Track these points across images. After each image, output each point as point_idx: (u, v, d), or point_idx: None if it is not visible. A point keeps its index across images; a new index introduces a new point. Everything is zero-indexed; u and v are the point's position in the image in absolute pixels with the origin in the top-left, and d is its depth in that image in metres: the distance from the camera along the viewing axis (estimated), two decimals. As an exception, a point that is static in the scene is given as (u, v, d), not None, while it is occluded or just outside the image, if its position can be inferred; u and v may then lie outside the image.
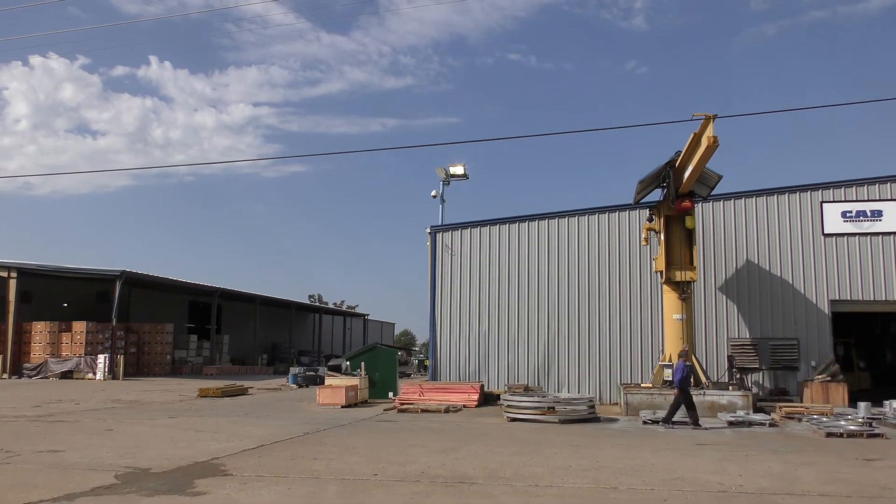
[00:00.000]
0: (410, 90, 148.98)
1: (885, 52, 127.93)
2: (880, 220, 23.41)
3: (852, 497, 8.95)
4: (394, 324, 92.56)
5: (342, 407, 21.32)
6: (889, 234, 23.36)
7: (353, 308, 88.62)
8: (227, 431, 15.32)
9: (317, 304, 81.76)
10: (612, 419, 18.61)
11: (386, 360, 26.00)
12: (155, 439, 14.01)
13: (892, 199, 23.49)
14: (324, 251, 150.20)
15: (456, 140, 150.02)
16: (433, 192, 30.94)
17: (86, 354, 36.15)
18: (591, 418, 18.03)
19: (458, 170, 31.15)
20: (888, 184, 23.77)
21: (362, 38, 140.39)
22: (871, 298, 23.29)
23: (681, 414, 17.17)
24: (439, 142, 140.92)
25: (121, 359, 36.59)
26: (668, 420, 16.96)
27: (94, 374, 35.07)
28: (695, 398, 19.28)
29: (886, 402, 19.18)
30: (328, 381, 23.99)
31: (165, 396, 25.37)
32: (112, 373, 35.35)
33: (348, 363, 25.75)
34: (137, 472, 10.22)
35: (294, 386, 33.17)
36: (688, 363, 20.38)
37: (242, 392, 27.47)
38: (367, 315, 77.95)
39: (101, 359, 35.30)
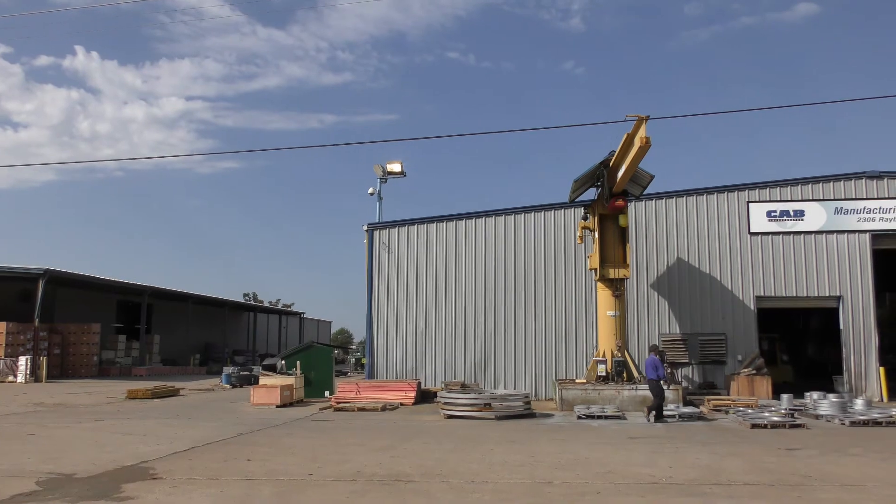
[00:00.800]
0: (349, 86, 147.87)
1: (809, 58, 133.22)
2: (802, 220, 24.37)
3: (775, 486, 9.27)
4: (330, 322, 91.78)
5: (277, 407, 20.98)
6: (810, 233, 24.32)
7: (289, 306, 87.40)
8: (156, 434, 14.90)
9: (252, 302, 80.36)
10: (548, 415, 18.86)
11: (322, 359, 25.71)
12: (80, 443, 13.51)
13: (813, 200, 24.46)
14: (259, 249, 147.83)
15: (394, 137, 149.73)
16: (370, 190, 30.80)
17: (6, 356, 34.60)
18: (527, 414, 18.22)
19: (395, 167, 31.06)
20: (810, 185, 24.75)
21: (300, 33, 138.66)
22: (794, 295, 24.23)
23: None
24: (377, 139, 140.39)
25: (44, 360, 35.14)
26: (659, 416, 17.23)
27: (15, 376, 33.60)
28: (627, 392, 19.80)
29: (807, 394, 19.98)
30: (263, 380, 23.58)
31: (92, 399, 24.51)
32: (34, 375, 33.91)
33: (283, 362, 25.38)
34: (61, 477, 9.83)
35: (228, 386, 32.50)
36: (619, 358, 20.89)
37: (173, 393, 26.76)
38: (304, 313, 77.04)
39: (23, 361, 33.84)
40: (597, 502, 8.30)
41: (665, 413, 17.80)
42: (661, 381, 17.76)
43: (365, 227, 26.40)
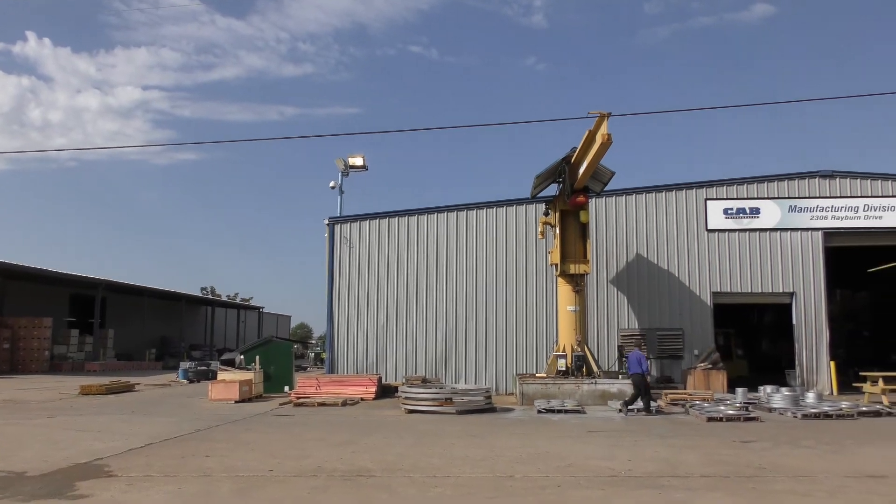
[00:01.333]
0: (310, 78, 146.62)
1: (765, 58, 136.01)
2: (758, 217, 24.88)
3: (730, 477, 9.45)
4: (290, 316, 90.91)
5: (236, 402, 20.73)
6: (765, 230, 24.84)
7: (248, 301, 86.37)
8: (111, 430, 14.60)
9: (209, 296, 79.26)
10: (509, 409, 18.95)
11: (282, 354, 25.51)
12: (32, 440, 13.18)
13: (768, 198, 24.98)
14: (217, 242, 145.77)
15: (356, 131, 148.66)
16: (332, 183, 30.44)
17: (-47, 351, 33.61)
18: (488, 409, 18.29)
19: (357, 161, 30.78)
20: (765, 183, 25.27)
21: (259, 23, 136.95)
22: (749, 291, 24.74)
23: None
24: (339, 132, 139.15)
25: (-7, 355, 34.25)
26: (648, 408, 17.53)
27: (-37, 371, 32.69)
28: (586, 387, 20.00)
29: (761, 388, 20.44)
30: (221, 375, 23.30)
31: (43, 395, 23.92)
32: (-17, 370, 33.03)
33: (242, 357, 25.11)
34: (12, 475, 9.57)
35: (185, 381, 32.03)
36: (579, 353, 21.09)
37: (129, 389, 26.27)
38: (262, 308, 76.16)
39: (-29, 356, 32.92)
40: (557, 495, 8.36)
41: (620, 406, 18.02)
42: (646, 375, 18.03)
43: (326, 221, 26.21)
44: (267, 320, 75.89)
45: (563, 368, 21.12)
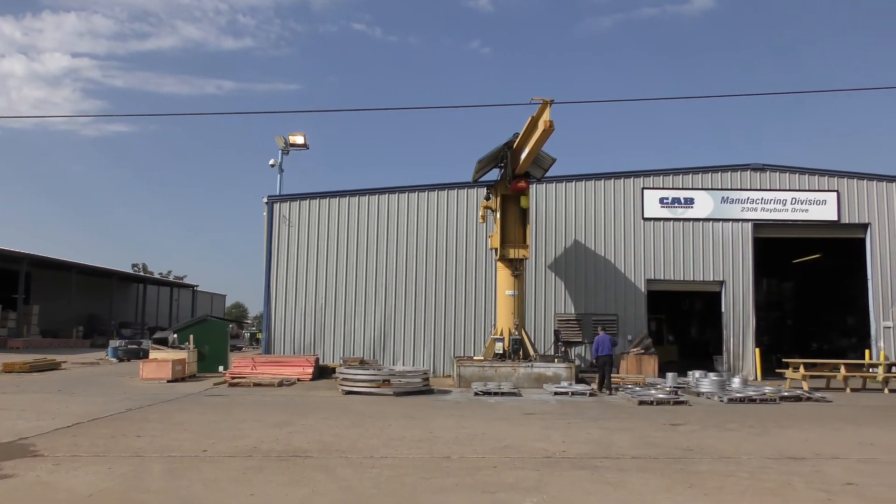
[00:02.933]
0: (250, 52, 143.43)
1: (706, 50, 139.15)
2: (692, 207, 25.54)
3: (659, 459, 9.74)
4: (225, 296, 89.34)
5: (168, 382, 20.32)
6: (698, 220, 25.52)
7: (181, 279, 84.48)
8: (36, 409, 14.14)
9: (141, 273, 77.21)
10: (446, 391, 19.09)
11: (216, 333, 25.10)
12: (-50, 419, 12.66)
13: (702, 189, 25.65)
14: (150, 219, 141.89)
15: (297, 108, 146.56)
16: (271, 161, 29.95)
17: None
18: (426, 390, 18.38)
19: (298, 139, 30.35)
20: (700, 175, 25.93)
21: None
22: (682, 279, 25.42)
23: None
24: (279, 108, 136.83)
25: None
26: (609, 388, 18.87)
27: None
28: (523, 370, 20.29)
29: (690, 373, 21.08)
30: (153, 354, 22.78)
31: (-37, 372, 22.98)
32: None
33: (175, 336, 24.59)
34: (-71, 454, 9.19)
35: (114, 360, 31.21)
36: (516, 336, 21.37)
37: (54, 367, 25.45)
38: (197, 286, 74.63)
39: None
40: (493, 476, 8.48)
41: (557, 390, 18.40)
42: (612, 357, 19.75)
43: (265, 200, 25.78)
44: (201, 299, 74.43)
45: (501, 352, 21.35)
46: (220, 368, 23.63)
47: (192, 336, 23.83)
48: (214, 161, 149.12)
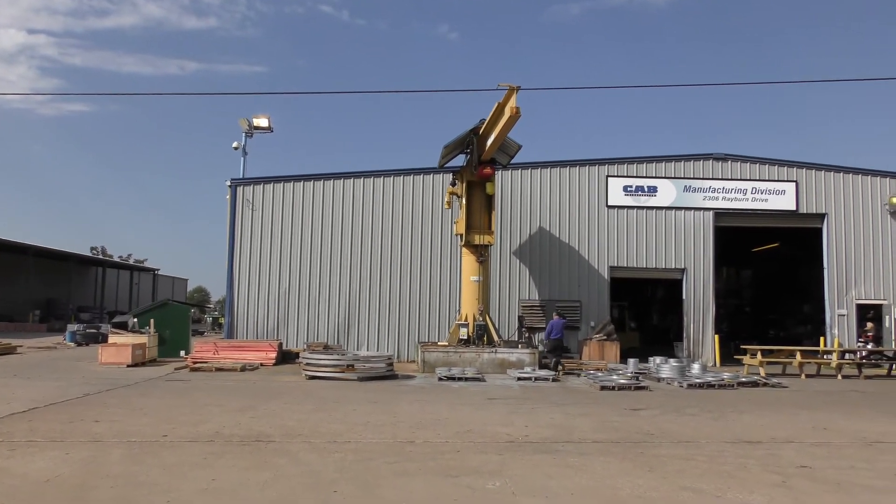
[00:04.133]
0: (213, 32, 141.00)
1: (672, 39, 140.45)
2: (655, 196, 25.83)
3: (620, 443, 9.89)
4: (186, 280, 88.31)
5: (128, 366, 20.04)
6: (661, 208, 25.83)
7: (142, 262, 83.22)
8: (-9, 394, 13.83)
9: (100, 256, 75.82)
10: (410, 376, 19.12)
11: (178, 318, 24.81)
12: None
13: (665, 178, 25.95)
14: (110, 200, 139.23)
15: (261, 90, 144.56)
16: (235, 144, 29.51)
17: None
18: (390, 375, 18.39)
19: (262, 122, 29.92)
20: (663, 163, 26.22)
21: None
22: (644, 266, 25.74)
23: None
24: (243, 90, 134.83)
25: None
26: (556, 369, 19.72)
27: None
28: (487, 356, 20.43)
29: (651, 359, 21.36)
30: (112, 338, 22.44)
31: (-87, 356, 22.38)
32: None
33: (136, 320, 24.26)
34: None
35: (72, 344, 30.66)
36: (481, 322, 21.48)
37: (9, 351, 24.90)
38: (158, 270, 73.61)
39: None
40: (456, 460, 8.52)
41: (521, 375, 18.56)
42: (562, 340, 21.30)
43: (228, 183, 25.45)
44: (162, 283, 73.43)
45: (465, 337, 21.44)
46: (182, 353, 23.39)
47: (152, 320, 23.51)
48: (176, 143, 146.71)
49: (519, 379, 18.39)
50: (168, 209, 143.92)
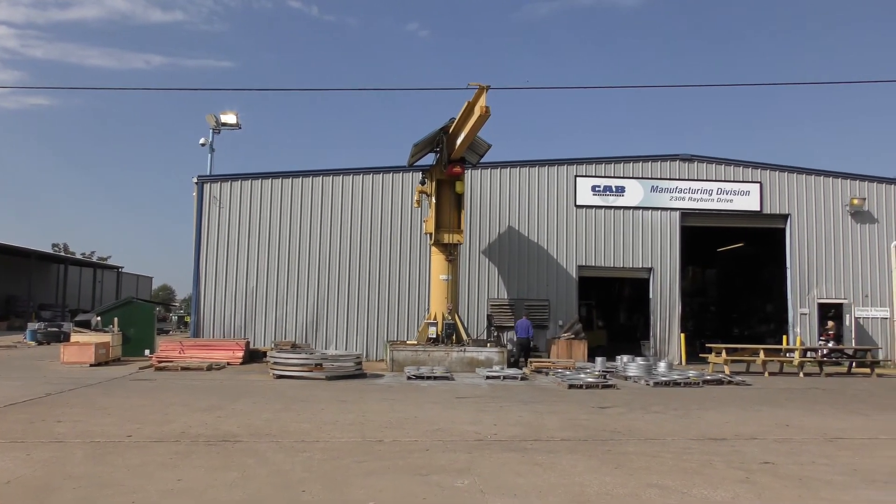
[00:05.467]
0: (180, 26, 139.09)
1: (642, 40, 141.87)
2: (623, 196, 26.08)
3: (588, 441, 9.97)
4: (151, 277, 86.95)
5: (91, 365, 19.72)
6: (629, 208, 26.08)
7: (105, 259, 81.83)
8: (-52, 394, 13.50)
9: (62, 253, 74.40)
10: (379, 375, 19.07)
11: (142, 316, 24.48)
12: None
13: (633, 178, 26.20)
14: (72, 196, 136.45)
15: (229, 86, 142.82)
16: (202, 140, 29.19)
17: None
18: (359, 374, 18.33)
19: (229, 118, 29.64)
20: (630, 164, 26.48)
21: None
22: (612, 265, 25.98)
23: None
24: (211, 86, 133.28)
25: None
26: (520, 366, 21.08)
27: None
28: (456, 354, 20.47)
29: (618, 358, 21.60)
30: (75, 337, 22.05)
31: None
32: None
33: (99, 318, 23.88)
34: None
35: (33, 343, 30.08)
36: (450, 321, 21.50)
37: (-32, 350, 24.35)
38: (122, 268, 72.40)
39: None
40: (425, 459, 8.52)
41: (489, 374, 18.62)
42: (530, 340, 22.77)
43: (195, 180, 25.14)
44: (126, 281, 72.26)
45: (434, 336, 21.47)
46: (147, 352, 23.07)
47: (116, 319, 23.17)
48: (142, 138, 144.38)
49: (488, 378, 18.44)
50: (132, 206, 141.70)
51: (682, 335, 25.75)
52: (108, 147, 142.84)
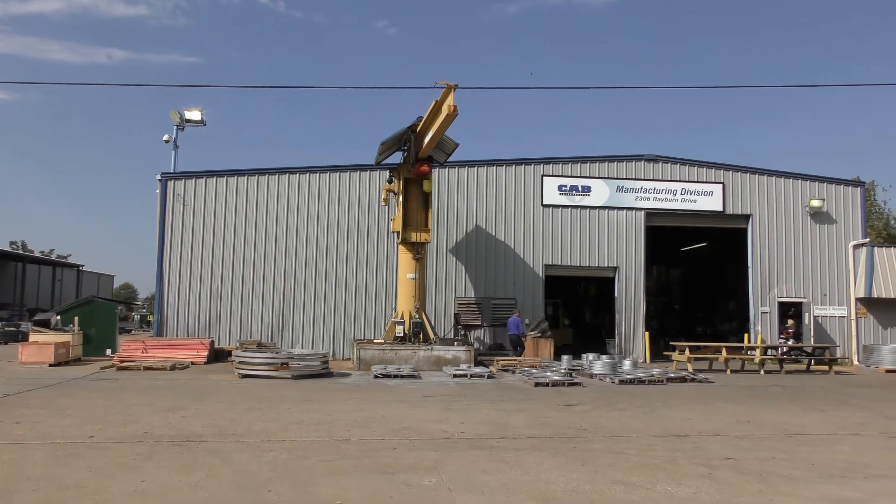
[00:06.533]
0: (144, 21, 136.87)
1: (612, 39, 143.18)
2: (589, 195, 26.31)
3: (554, 438, 10.05)
4: (113, 276, 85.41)
5: (51, 365, 19.34)
6: (595, 208, 26.32)
7: (65, 258, 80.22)
8: None
9: (20, 251, 72.79)
10: (346, 374, 19.00)
11: (104, 315, 24.09)
12: None
13: (599, 178, 26.45)
14: (30, 193, 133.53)
15: (194, 82, 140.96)
16: (166, 137, 28.77)
17: None
18: (325, 373, 18.24)
19: (195, 115, 29.26)
20: (597, 163, 26.73)
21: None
22: (578, 264, 26.20)
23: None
24: (176, 82, 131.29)
25: None
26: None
27: None
28: (423, 353, 20.49)
29: (584, 356, 21.83)
30: (34, 337, 21.57)
31: None
32: None
33: (59, 318, 23.43)
34: None
35: (-10, 343, 29.38)
36: (417, 320, 21.50)
37: (-78, 350, 23.71)
38: (82, 266, 71.05)
39: None
40: (392, 457, 8.51)
41: (456, 372, 18.66)
42: (521, 336, 23.03)
43: (158, 177, 24.77)
44: (87, 280, 70.93)
45: (401, 335, 21.45)
46: (108, 352, 22.72)
47: (76, 318, 22.75)
48: (104, 134, 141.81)
49: (455, 376, 18.48)
50: (94, 203, 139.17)
51: (647, 334, 26.07)
52: (70, 143, 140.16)
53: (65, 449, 8.65)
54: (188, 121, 29.25)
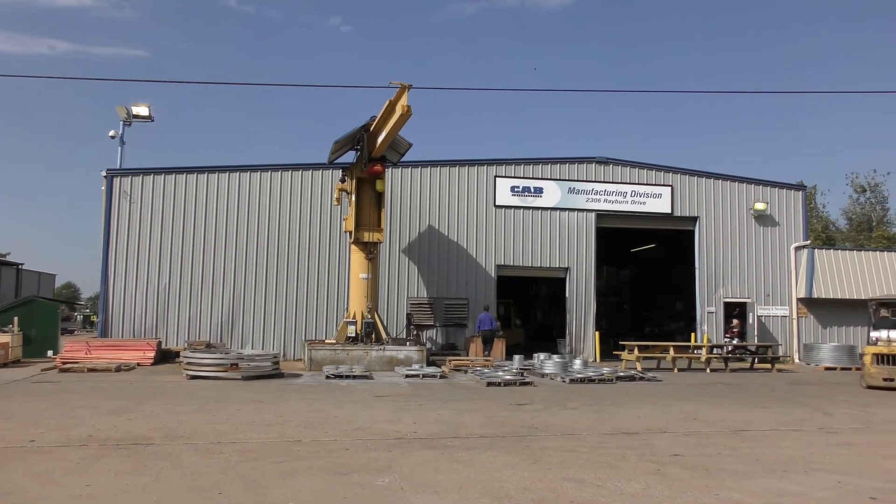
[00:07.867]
0: (87, 12, 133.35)
1: (566, 42, 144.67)
2: (541, 197, 26.55)
3: (506, 437, 10.12)
4: (55, 275, 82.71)
5: (-11, 367, 18.68)
6: (547, 209, 26.58)
7: (4, 256, 77.64)
8: None
9: (-43, 250, 70.16)
10: (297, 375, 18.81)
11: (45, 315, 23.42)
12: None
13: (551, 179, 26.72)
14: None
15: (141, 76, 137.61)
16: (112, 133, 28.03)
17: None
18: (276, 374, 18.03)
19: (142, 110, 28.56)
20: (549, 165, 27.00)
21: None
22: (530, 265, 26.42)
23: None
24: (121, 76, 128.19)
25: None
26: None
27: None
28: (375, 353, 20.44)
29: (535, 355, 22.02)
30: (-29, 338, 20.82)
31: None
32: None
33: (-2, 318, 22.63)
34: None
35: (-77, 344, 28.22)
36: (369, 320, 21.43)
37: None
38: (22, 264, 68.80)
39: None
40: (345, 458, 8.46)
41: (409, 373, 18.65)
42: (495, 332, 23.48)
43: (103, 174, 24.14)
44: (27, 278, 68.68)
45: (353, 335, 21.35)
46: (50, 353, 22.09)
47: (16, 318, 22.04)
48: (46, 130, 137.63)
49: (407, 376, 18.46)
50: (35, 200, 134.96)
51: (597, 333, 26.43)
52: (8, 138, 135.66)
53: (5, 453, 8.37)
54: (135, 116, 28.56)
